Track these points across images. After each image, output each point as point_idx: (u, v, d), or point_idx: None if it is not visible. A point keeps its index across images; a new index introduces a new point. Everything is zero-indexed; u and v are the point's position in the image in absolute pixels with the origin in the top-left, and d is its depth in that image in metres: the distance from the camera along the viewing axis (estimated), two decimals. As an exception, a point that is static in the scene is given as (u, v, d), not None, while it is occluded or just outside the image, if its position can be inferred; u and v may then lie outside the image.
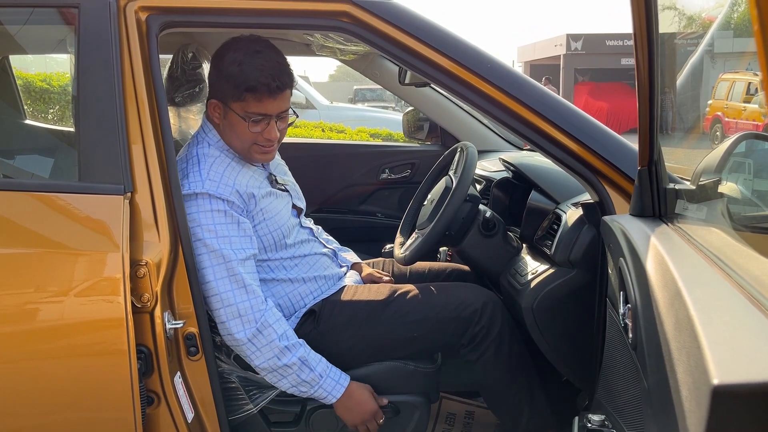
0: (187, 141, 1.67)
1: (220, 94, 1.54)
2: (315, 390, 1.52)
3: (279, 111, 1.53)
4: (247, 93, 1.48)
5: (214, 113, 1.56)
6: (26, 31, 1.73)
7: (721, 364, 0.60)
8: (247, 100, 1.49)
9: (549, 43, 22.92)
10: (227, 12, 1.41)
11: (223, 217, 1.47)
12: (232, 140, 1.56)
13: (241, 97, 1.49)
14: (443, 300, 1.62)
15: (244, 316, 1.46)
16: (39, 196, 1.33)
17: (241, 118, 1.51)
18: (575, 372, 1.62)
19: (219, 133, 1.58)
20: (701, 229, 1.10)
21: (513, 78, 1.45)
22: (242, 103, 1.50)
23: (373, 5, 1.41)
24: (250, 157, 1.58)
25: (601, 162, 1.42)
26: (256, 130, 1.52)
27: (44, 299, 1.28)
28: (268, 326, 1.47)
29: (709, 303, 0.76)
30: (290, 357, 1.49)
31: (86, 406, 1.32)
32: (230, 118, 1.53)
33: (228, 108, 1.53)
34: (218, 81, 1.53)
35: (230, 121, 1.54)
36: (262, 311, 1.47)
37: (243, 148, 1.56)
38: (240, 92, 1.48)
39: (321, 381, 1.52)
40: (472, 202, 1.81)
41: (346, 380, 1.55)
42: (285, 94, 1.53)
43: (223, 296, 1.45)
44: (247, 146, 1.55)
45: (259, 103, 1.49)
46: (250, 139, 1.53)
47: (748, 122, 9.55)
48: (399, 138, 6.45)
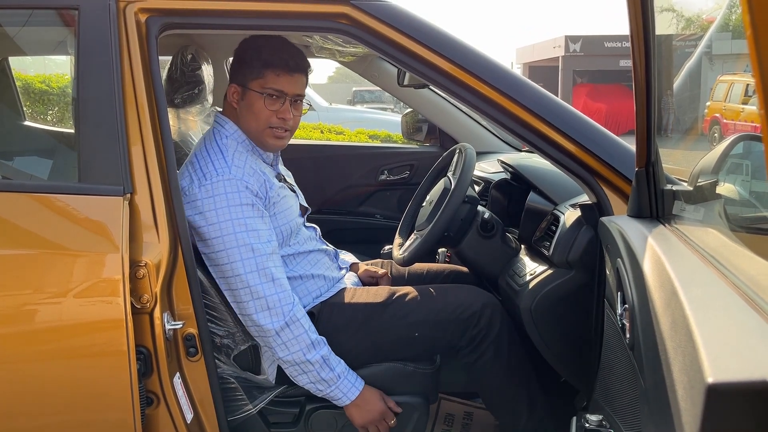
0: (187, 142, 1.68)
1: (240, 77, 1.60)
2: (331, 390, 1.53)
3: (294, 93, 1.59)
4: (265, 69, 1.55)
5: (233, 98, 1.61)
6: (26, 33, 1.73)
7: (715, 363, 0.60)
8: (265, 77, 1.56)
9: (547, 45, 22.94)
10: (226, 14, 1.42)
11: (251, 210, 1.50)
12: (248, 122, 1.60)
13: (260, 74, 1.56)
14: (442, 302, 1.63)
15: (272, 309, 1.48)
16: (39, 197, 1.33)
17: (259, 93, 1.56)
18: (573, 372, 1.62)
19: (235, 120, 1.62)
20: (698, 230, 1.11)
21: (511, 80, 1.45)
22: (261, 80, 1.56)
23: (372, 7, 1.42)
24: (264, 141, 1.61)
25: (598, 163, 1.43)
26: (273, 108, 1.57)
27: (44, 300, 1.28)
28: (296, 321, 1.49)
29: (705, 303, 0.77)
30: (314, 354, 1.50)
31: (86, 407, 1.32)
32: (248, 97, 1.58)
33: (246, 89, 1.58)
34: (238, 66, 1.60)
35: (248, 102, 1.59)
36: (291, 305, 1.50)
37: (258, 130, 1.59)
38: (259, 69, 1.56)
39: (338, 382, 1.53)
40: (471, 204, 1.82)
41: (361, 384, 1.57)
42: (301, 78, 1.60)
43: (253, 289, 1.47)
44: (262, 127, 1.59)
45: (276, 78, 1.56)
46: (265, 118, 1.58)
47: (746, 124, 9.56)
48: (398, 139, 6.46)
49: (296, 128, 1.65)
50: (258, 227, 1.50)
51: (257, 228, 1.50)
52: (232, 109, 1.63)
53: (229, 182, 1.49)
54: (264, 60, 1.56)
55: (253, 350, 1.60)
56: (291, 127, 1.61)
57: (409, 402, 1.64)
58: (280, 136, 1.61)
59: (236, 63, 1.62)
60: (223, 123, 1.62)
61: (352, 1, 1.41)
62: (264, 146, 1.63)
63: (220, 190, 1.48)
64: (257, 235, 1.49)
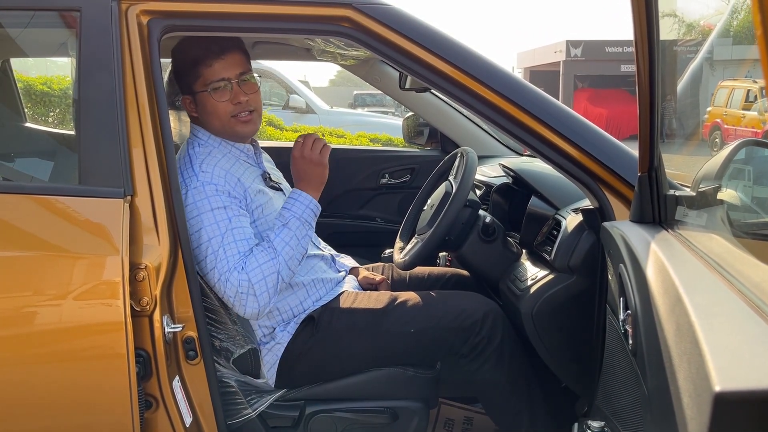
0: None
1: (185, 86, 1.61)
2: (304, 221, 1.53)
3: (236, 73, 1.58)
4: (197, 66, 1.56)
5: (190, 108, 1.62)
6: (28, 34, 1.73)
7: (722, 371, 0.60)
8: (202, 74, 1.56)
9: (549, 50, 22.97)
10: (228, 16, 1.41)
11: (224, 212, 1.49)
12: (213, 123, 1.60)
13: (197, 75, 1.57)
14: (443, 309, 1.62)
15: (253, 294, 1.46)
16: (39, 199, 1.33)
17: (206, 92, 1.56)
18: (574, 378, 1.62)
19: (204, 127, 1.62)
20: (701, 236, 1.10)
21: (513, 83, 1.45)
22: (201, 79, 1.57)
23: (374, 10, 1.42)
24: (234, 132, 1.61)
25: (601, 168, 1.42)
26: (224, 98, 1.57)
27: (43, 302, 1.28)
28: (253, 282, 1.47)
29: (710, 309, 0.76)
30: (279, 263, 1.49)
31: (84, 410, 1.31)
32: (200, 101, 1.59)
33: (195, 94, 1.59)
34: (178, 77, 1.61)
35: (202, 105, 1.59)
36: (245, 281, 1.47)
37: (224, 125, 1.59)
38: (193, 70, 1.56)
39: (294, 219, 1.53)
40: (472, 208, 1.81)
41: (298, 195, 1.55)
42: (235, 56, 1.59)
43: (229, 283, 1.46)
44: (225, 120, 1.59)
45: (211, 69, 1.56)
46: (223, 110, 1.58)
47: (747, 129, 9.57)
48: (399, 143, 6.45)
49: (260, 107, 1.64)
50: (233, 226, 1.49)
51: (231, 228, 1.48)
52: (195, 118, 1.64)
53: (196, 190, 1.49)
54: (192, 59, 1.56)
55: (253, 354, 1.59)
56: (254, 106, 1.61)
57: (409, 407, 1.63)
58: (246, 120, 1.60)
59: (175, 76, 1.63)
60: (197, 132, 1.63)
61: (355, 5, 1.41)
62: (237, 137, 1.63)
63: (189, 200, 1.49)
64: (231, 236, 1.48)
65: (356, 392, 1.64)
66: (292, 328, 1.63)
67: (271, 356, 1.61)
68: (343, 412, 1.63)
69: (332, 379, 1.63)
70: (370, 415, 1.64)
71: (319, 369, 1.62)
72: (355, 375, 1.62)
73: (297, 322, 1.64)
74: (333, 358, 1.61)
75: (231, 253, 1.47)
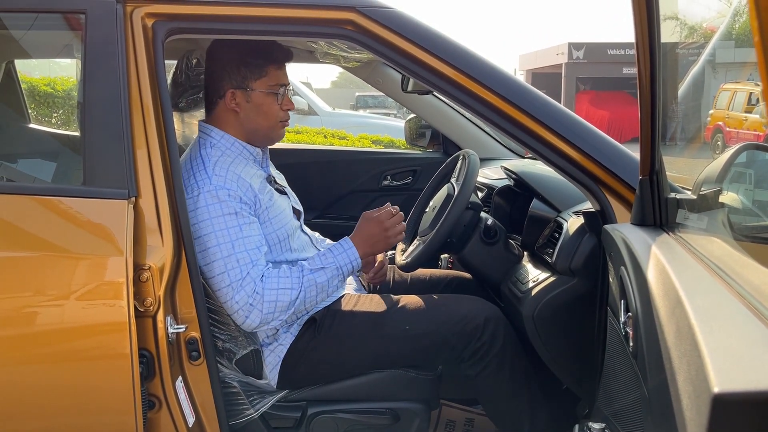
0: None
1: (238, 80, 1.58)
2: (339, 273, 1.56)
3: (288, 82, 1.62)
4: (267, 66, 1.57)
5: (232, 102, 1.59)
6: (33, 36, 1.74)
7: (721, 373, 0.60)
8: (269, 73, 1.58)
9: (551, 52, 22.96)
10: (233, 19, 1.42)
11: (235, 219, 1.49)
12: (257, 122, 1.60)
13: (263, 72, 1.57)
14: (445, 314, 1.62)
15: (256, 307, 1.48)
16: (44, 200, 1.34)
17: (269, 93, 1.58)
18: (576, 380, 1.62)
19: (224, 127, 1.60)
20: (702, 239, 1.11)
21: (515, 87, 1.46)
22: (265, 78, 1.58)
23: (378, 14, 1.43)
24: (275, 135, 1.64)
25: (602, 171, 1.43)
26: (281, 103, 1.60)
27: (47, 302, 1.28)
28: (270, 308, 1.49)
29: (710, 312, 0.77)
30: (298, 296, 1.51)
31: (88, 410, 1.32)
32: (254, 98, 1.59)
33: (250, 90, 1.58)
34: (233, 69, 1.57)
35: (255, 103, 1.59)
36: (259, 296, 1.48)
37: (269, 127, 1.61)
38: (261, 67, 1.57)
39: (336, 269, 1.55)
40: (474, 210, 1.82)
41: (349, 245, 1.58)
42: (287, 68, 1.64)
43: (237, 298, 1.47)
44: (273, 123, 1.61)
45: (280, 72, 1.59)
46: (275, 114, 1.60)
47: (749, 132, 9.56)
48: (401, 145, 6.46)
49: None
50: (244, 235, 1.48)
51: (242, 236, 1.48)
52: (228, 115, 1.60)
53: (209, 194, 1.48)
54: (263, 56, 1.57)
55: (255, 354, 1.60)
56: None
57: (410, 408, 1.64)
58: (286, 125, 1.65)
59: (229, 67, 1.58)
60: (209, 131, 1.60)
61: (358, 8, 1.42)
62: (270, 141, 1.65)
63: (201, 203, 1.48)
64: (242, 244, 1.48)
65: (358, 393, 1.64)
66: (294, 330, 1.63)
67: (273, 357, 1.62)
68: (345, 413, 1.64)
69: (334, 380, 1.64)
70: (372, 416, 1.65)
71: (320, 370, 1.63)
72: (357, 376, 1.62)
73: (300, 323, 1.64)
74: (334, 360, 1.61)
75: (244, 261, 1.47)
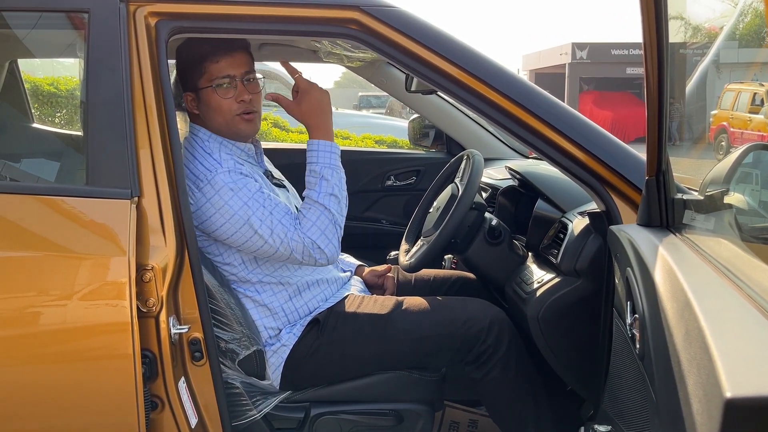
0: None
1: (188, 83, 1.60)
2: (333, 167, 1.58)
3: (242, 72, 1.58)
4: (204, 62, 1.55)
5: (191, 106, 1.61)
6: (35, 36, 1.73)
7: (733, 377, 0.59)
8: (208, 70, 1.55)
9: (554, 52, 22.93)
10: (236, 18, 1.42)
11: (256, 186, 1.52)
12: (216, 120, 1.59)
13: (202, 69, 1.56)
14: (449, 316, 1.61)
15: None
16: (46, 199, 1.33)
17: (210, 89, 1.56)
18: (580, 382, 1.61)
19: (204, 126, 1.61)
20: (709, 240, 1.10)
21: (520, 86, 1.45)
22: (206, 75, 1.56)
23: (382, 13, 1.42)
24: (237, 130, 1.60)
25: (608, 171, 1.41)
26: (229, 96, 1.57)
27: (50, 303, 1.28)
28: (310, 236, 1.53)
29: (719, 314, 0.76)
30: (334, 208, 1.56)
31: (90, 410, 1.31)
32: (203, 97, 1.58)
33: (198, 90, 1.58)
34: (181, 73, 1.61)
35: (205, 102, 1.58)
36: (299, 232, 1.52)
37: (228, 122, 1.59)
38: (199, 65, 1.56)
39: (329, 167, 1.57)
40: (478, 210, 1.81)
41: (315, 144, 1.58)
42: (241, 56, 1.59)
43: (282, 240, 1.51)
44: (229, 118, 1.58)
45: (217, 66, 1.56)
46: (228, 108, 1.57)
47: (753, 132, 9.53)
48: (404, 145, 6.45)
49: (260, 108, 1.64)
50: (267, 195, 1.52)
51: (268, 196, 1.52)
52: (196, 117, 1.63)
53: (226, 173, 1.50)
54: (199, 55, 1.56)
55: (258, 355, 1.59)
56: (256, 107, 1.61)
57: (414, 410, 1.63)
58: (249, 119, 1.60)
59: (179, 72, 1.62)
60: (197, 131, 1.62)
61: (362, 7, 1.41)
62: (239, 136, 1.62)
63: (220, 183, 1.49)
64: (272, 203, 1.51)
65: (361, 394, 1.64)
66: (298, 330, 1.63)
67: (276, 358, 1.61)
68: (349, 414, 1.63)
69: (337, 381, 1.63)
70: (375, 417, 1.64)
71: (323, 371, 1.62)
72: (361, 377, 1.61)
73: (303, 324, 1.63)
74: (338, 362, 1.61)
75: (281, 216, 1.51)
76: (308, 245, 1.51)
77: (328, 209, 1.54)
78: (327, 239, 1.53)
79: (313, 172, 1.57)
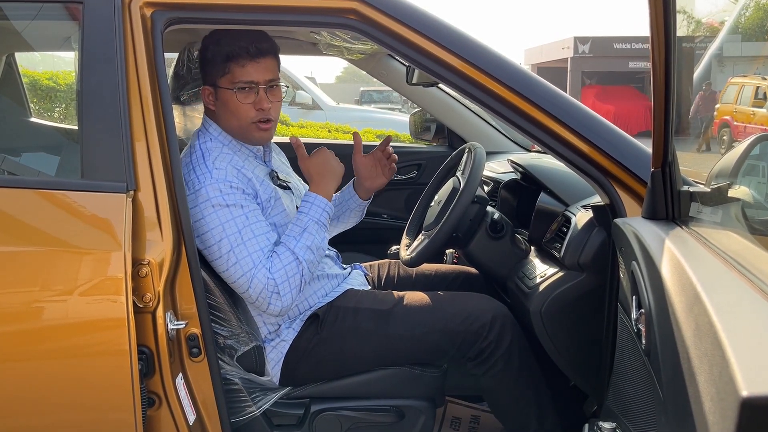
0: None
1: (209, 77, 1.56)
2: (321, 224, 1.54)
3: (266, 79, 1.54)
4: (230, 63, 1.51)
5: (208, 100, 1.58)
6: (31, 28, 1.71)
7: (749, 375, 0.57)
8: (232, 71, 1.52)
9: (556, 46, 22.86)
10: (233, 8, 1.39)
11: (240, 210, 1.47)
12: (230, 121, 1.56)
13: (226, 70, 1.52)
14: (450, 312, 1.59)
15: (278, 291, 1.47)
16: (41, 193, 1.31)
17: (230, 90, 1.52)
18: (584, 378, 1.59)
19: (218, 122, 1.58)
20: (717, 233, 1.08)
21: (522, 77, 1.42)
22: (229, 75, 1.53)
23: (382, 3, 1.39)
24: (250, 137, 1.58)
25: (611, 163, 1.39)
26: (248, 101, 1.53)
27: (45, 298, 1.26)
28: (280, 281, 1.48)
29: (731, 309, 0.73)
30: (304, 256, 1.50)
31: (86, 407, 1.30)
32: (222, 97, 1.55)
33: (217, 88, 1.55)
34: (204, 66, 1.57)
35: (223, 101, 1.55)
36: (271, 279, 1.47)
37: (242, 127, 1.56)
38: (223, 65, 1.52)
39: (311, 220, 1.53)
40: (480, 204, 1.79)
41: (314, 198, 1.56)
42: (268, 62, 1.55)
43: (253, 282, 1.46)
44: (245, 123, 1.55)
45: (242, 69, 1.52)
46: (245, 114, 1.54)
47: (757, 126, 9.49)
48: (405, 139, 6.43)
49: (278, 117, 1.61)
50: (250, 222, 1.47)
51: (249, 224, 1.47)
52: (211, 112, 1.60)
53: (211, 187, 1.46)
54: (225, 53, 1.52)
55: (257, 351, 1.57)
56: (273, 116, 1.58)
57: (415, 405, 1.61)
58: (265, 128, 1.57)
59: (202, 64, 1.58)
60: (208, 126, 1.59)
61: (362, -4, 1.38)
62: (250, 141, 1.60)
63: (203, 197, 1.46)
64: (250, 232, 1.46)
65: (362, 390, 1.62)
66: (297, 326, 1.61)
67: (275, 354, 1.59)
68: (349, 410, 1.61)
69: (337, 377, 1.61)
70: (376, 413, 1.62)
71: (323, 367, 1.60)
72: (361, 373, 1.59)
73: (302, 319, 1.62)
74: (337, 357, 1.59)
75: (253, 249, 1.46)
76: (269, 287, 1.46)
77: (301, 261, 1.49)
78: (289, 287, 1.48)
79: (299, 221, 1.54)
